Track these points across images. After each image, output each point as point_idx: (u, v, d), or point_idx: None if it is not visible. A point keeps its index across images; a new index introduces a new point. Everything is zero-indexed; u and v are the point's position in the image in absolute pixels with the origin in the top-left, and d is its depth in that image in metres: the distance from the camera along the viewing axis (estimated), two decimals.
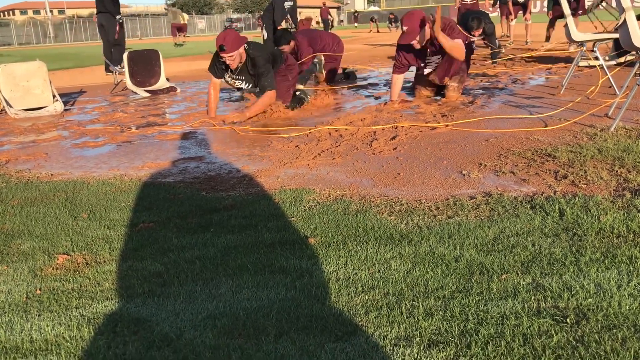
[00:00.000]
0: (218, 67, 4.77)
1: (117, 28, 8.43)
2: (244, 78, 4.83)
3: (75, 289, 1.72)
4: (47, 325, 1.50)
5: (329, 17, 28.88)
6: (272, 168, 3.02)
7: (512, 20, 11.09)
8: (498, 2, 11.57)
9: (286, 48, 6.12)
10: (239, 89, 5.21)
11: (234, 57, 4.53)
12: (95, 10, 8.69)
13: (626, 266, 1.60)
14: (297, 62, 6.08)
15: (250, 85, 4.86)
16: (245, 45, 4.61)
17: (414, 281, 1.62)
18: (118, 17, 8.47)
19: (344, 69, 7.35)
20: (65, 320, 1.52)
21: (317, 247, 1.92)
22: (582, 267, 1.62)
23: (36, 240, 2.16)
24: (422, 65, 4.92)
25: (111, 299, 1.65)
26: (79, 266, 1.91)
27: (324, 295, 1.58)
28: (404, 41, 4.59)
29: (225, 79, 4.86)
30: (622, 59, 5.94)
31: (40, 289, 1.74)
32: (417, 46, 4.61)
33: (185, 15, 23.82)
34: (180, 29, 22.35)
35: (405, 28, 4.52)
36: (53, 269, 1.89)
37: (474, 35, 7.62)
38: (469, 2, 10.51)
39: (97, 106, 6.02)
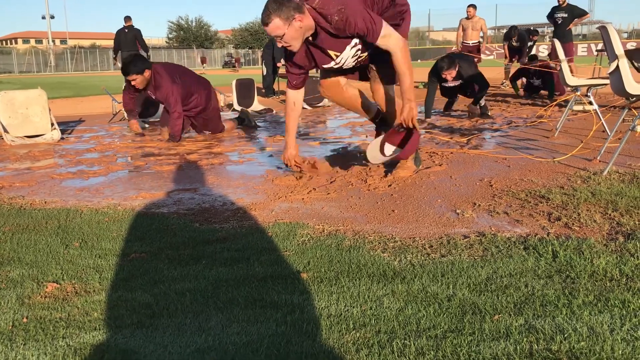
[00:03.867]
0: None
1: None
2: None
3: (63, 318, 1.70)
4: (32, 355, 1.48)
5: None
6: (266, 201, 3.02)
7: (506, 62, 11.26)
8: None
9: (137, 78, 5.07)
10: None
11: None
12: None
13: (619, 310, 1.60)
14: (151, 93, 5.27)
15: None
16: None
17: (406, 320, 1.61)
18: (148, 52, 11.43)
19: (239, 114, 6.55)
20: (51, 350, 1.50)
21: (309, 282, 1.90)
22: (574, 310, 1.61)
23: (26, 267, 2.14)
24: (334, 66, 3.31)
25: (99, 329, 1.62)
26: (68, 295, 1.88)
27: (315, 331, 1.56)
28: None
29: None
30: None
31: (27, 318, 1.71)
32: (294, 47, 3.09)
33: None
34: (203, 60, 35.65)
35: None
36: (41, 297, 1.87)
37: (445, 79, 6.43)
38: (470, 44, 10.63)
39: (94, 135, 6.04)
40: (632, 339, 1.43)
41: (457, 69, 6.35)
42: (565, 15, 9.42)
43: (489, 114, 6.64)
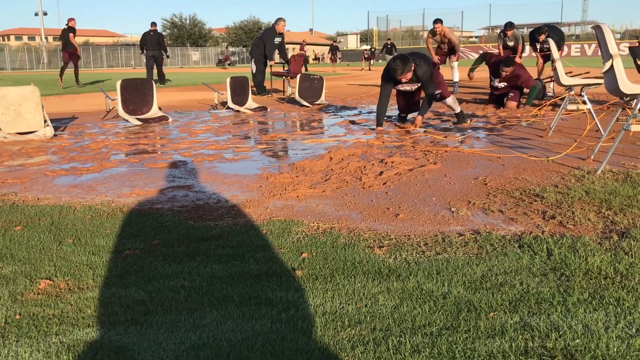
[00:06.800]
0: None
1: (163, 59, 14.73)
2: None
3: (56, 315, 1.69)
4: (25, 352, 1.46)
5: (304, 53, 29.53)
6: (261, 199, 3.01)
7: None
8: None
9: None
10: None
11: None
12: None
13: (614, 308, 1.60)
14: None
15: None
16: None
17: (401, 317, 1.60)
18: (167, 53, 14.89)
19: None
20: (44, 347, 1.48)
21: (304, 280, 1.90)
22: (569, 308, 1.61)
23: (18, 264, 2.12)
24: None
25: (92, 326, 1.61)
26: (61, 292, 1.87)
27: (310, 328, 1.56)
28: None
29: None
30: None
31: (19, 314, 1.70)
32: None
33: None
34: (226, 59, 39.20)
35: None
36: (34, 294, 1.85)
37: (400, 82, 5.56)
38: (445, 49, 10.58)
39: (88, 132, 6.01)
40: (627, 337, 1.43)
41: (412, 70, 5.38)
42: (550, 39, 9.42)
43: (466, 121, 6.00)
